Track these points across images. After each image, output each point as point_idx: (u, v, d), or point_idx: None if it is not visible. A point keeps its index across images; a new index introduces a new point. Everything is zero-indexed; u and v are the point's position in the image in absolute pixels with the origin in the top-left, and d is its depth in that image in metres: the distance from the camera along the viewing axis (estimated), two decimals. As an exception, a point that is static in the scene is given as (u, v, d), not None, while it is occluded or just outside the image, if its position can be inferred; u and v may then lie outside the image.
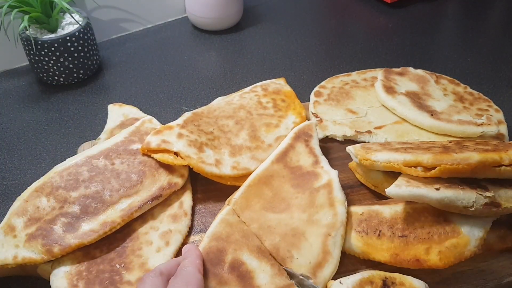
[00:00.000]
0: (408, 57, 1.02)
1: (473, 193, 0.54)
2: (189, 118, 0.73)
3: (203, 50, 1.06)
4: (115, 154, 0.67)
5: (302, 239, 0.58)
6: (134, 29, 1.10)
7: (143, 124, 0.73)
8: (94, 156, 0.67)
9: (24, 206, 0.61)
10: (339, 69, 0.98)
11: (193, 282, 0.47)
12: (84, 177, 0.64)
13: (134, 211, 0.61)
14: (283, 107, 0.78)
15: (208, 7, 1.05)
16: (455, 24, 1.16)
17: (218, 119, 0.74)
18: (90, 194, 0.62)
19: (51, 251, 0.56)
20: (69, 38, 0.86)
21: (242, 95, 0.80)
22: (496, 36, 1.09)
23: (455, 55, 1.02)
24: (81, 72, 0.92)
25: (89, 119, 0.86)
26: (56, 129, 0.84)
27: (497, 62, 1.00)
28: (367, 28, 1.13)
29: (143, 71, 0.98)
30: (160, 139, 0.67)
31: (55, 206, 0.61)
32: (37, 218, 0.59)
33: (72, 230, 0.58)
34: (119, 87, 0.93)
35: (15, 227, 0.59)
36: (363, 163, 0.64)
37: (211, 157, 0.67)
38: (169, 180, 0.65)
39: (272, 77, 0.88)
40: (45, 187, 0.63)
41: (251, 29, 1.11)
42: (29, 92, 0.92)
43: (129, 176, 0.64)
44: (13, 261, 0.55)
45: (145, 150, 0.67)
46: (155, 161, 0.66)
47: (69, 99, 0.90)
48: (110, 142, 0.69)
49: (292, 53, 1.03)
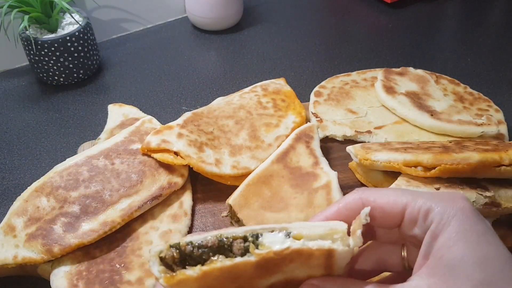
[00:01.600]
0: (408, 57, 1.02)
1: (473, 193, 0.54)
2: (189, 118, 0.73)
3: (203, 50, 1.06)
4: (115, 154, 0.67)
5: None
6: (134, 29, 1.10)
7: (143, 124, 0.73)
8: (94, 156, 0.67)
9: (24, 206, 0.61)
10: (339, 69, 0.98)
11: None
12: (84, 177, 0.64)
13: (134, 211, 0.61)
14: (283, 107, 0.78)
15: (208, 7, 1.05)
16: (455, 24, 1.16)
17: (218, 119, 0.74)
18: (90, 194, 0.62)
19: (51, 251, 0.56)
20: (69, 38, 0.86)
21: (242, 95, 0.80)
22: (496, 36, 1.09)
23: (455, 55, 1.02)
24: (81, 72, 0.92)
25: (89, 119, 0.86)
26: (56, 129, 0.84)
27: (497, 62, 1.00)
28: (367, 28, 1.13)
29: (143, 71, 0.98)
30: (160, 139, 0.67)
31: (55, 206, 0.61)
32: (37, 218, 0.59)
33: (72, 230, 0.58)
34: (119, 87, 0.93)
35: (15, 227, 0.59)
36: (363, 163, 0.64)
37: (211, 156, 0.67)
38: (169, 180, 0.65)
39: (272, 77, 0.88)
40: (45, 187, 0.63)
41: (251, 29, 1.11)
42: (29, 92, 0.92)
43: (129, 176, 0.64)
44: (13, 261, 0.55)
45: (145, 150, 0.67)
46: (155, 161, 0.67)
47: (69, 99, 0.90)
48: (110, 142, 0.69)
49: (292, 53, 1.03)
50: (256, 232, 0.32)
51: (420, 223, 0.32)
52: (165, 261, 0.31)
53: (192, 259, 0.31)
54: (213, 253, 0.31)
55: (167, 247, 0.31)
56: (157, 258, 0.31)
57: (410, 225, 0.33)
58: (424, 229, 0.32)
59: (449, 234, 0.30)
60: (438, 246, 0.30)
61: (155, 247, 0.31)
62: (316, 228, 0.32)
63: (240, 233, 0.32)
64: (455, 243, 0.30)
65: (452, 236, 0.30)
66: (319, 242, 0.31)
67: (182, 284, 0.31)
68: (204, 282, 0.31)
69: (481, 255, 0.29)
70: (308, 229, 0.32)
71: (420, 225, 0.32)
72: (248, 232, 0.32)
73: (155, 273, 0.31)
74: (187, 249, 0.31)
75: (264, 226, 0.32)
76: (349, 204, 0.35)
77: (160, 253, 0.31)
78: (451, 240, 0.30)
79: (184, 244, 0.31)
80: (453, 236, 0.30)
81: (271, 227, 0.32)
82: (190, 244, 0.31)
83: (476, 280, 0.28)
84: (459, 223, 0.30)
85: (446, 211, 0.31)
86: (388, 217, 0.33)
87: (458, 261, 0.29)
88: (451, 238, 0.30)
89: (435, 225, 0.31)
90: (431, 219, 0.31)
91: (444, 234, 0.30)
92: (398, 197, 0.33)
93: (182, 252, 0.31)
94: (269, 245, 0.31)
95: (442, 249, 0.30)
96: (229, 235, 0.32)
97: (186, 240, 0.32)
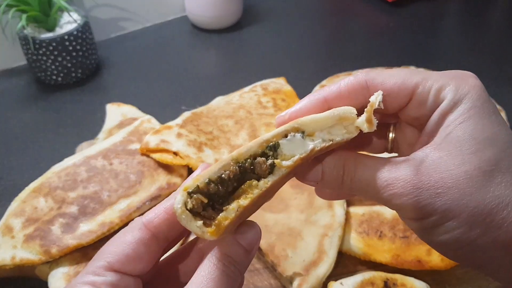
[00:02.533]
0: (409, 56, 1.01)
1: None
2: (189, 118, 0.72)
3: (203, 49, 1.05)
4: (114, 154, 0.67)
5: (298, 239, 0.58)
6: (133, 28, 1.10)
7: (142, 124, 0.73)
8: (92, 156, 0.66)
9: (22, 206, 0.60)
10: (339, 68, 0.97)
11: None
12: (82, 178, 0.63)
13: (133, 211, 0.61)
14: (283, 107, 0.78)
15: (208, 6, 1.04)
16: (456, 23, 1.15)
17: (218, 118, 0.74)
18: (88, 194, 0.62)
19: (49, 252, 0.55)
20: (67, 37, 0.86)
21: (242, 95, 0.79)
22: (498, 35, 1.08)
23: (457, 54, 1.02)
24: (80, 71, 0.92)
25: (88, 119, 0.85)
26: (54, 129, 0.83)
27: (499, 61, 0.99)
28: (368, 27, 1.13)
29: (142, 70, 0.98)
30: (159, 139, 0.66)
31: (53, 207, 0.60)
32: (35, 218, 0.59)
33: (70, 231, 0.58)
34: (117, 87, 0.93)
35: (13, 228, 0.58)
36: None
37: (211, 156, 0.67)
38: (168, 180, 0.65)
39: (272, 76, 0.87)
40: (43, 187, 0.62)
41: (251, 28, 1.11)
42: (27, 92, 0.91)
43: (127, 176, 0.64)
44: (11, 262, 0.55)
45: (144, 150, 0.66)
46: (154, 161, 0.66)
47: (67, 98, 0.90)
48: (109, 142, 0.69)
49: (292, 52, 1.03)
50: (271, 141, 0.29)
51: (429, 102, 0.31)
52: (195, 211, 0.28)
53: (217, 197, 0.28)
54: (238, 181, 0.29)
55: (186, 195, 0.27)
56: (188, 213, 0.27)
57: (417, 106, 0.32)
58: (433, 108, 0.31)
59: (461, 111, 0.30)
60: (448, 123, 0.30)
61: (177, 202, 0.27)
62: (324, 120, 0.30)
63: (255, 149, 0.29)
64: (465, 120, 0.29)
65: (464, 113, 0.30)
66: (345, 135, 0.30)
67: (227, 230, 0.28)
68: (242, 213, 0.29)
69: (491, 133, 0.29)
70: (316, 122, 0.30)
71: (429, 104, 0.31)
72: (263, 146, 0.29)
73: (196, 231, 0.27)
74: (211, 188, 0.28)
75: (275, 132, 0.30)
76: (352, 86, 0.32)
77: (186, 205, 0.27)
78: (462, 117, 0.30)
79: (204, 184, 0.28)
80: (465, 113, 0.30)
81: (283, 131, 0.30)
82: (211, 183, 0.28)
83: (485, 156, 0.28)
84: (471, 101, 0.30)
85: (459, 88, 0.30)
86: (395, 99, 0.32)
87: (467, 137, 0.29)
88: (463, 115, 0.30)
89: (446, 102, 0.30)
90: (443, 97, 0.30)
91: (455, 112, 0.30)
92: (407, 78, 0.31)
93: (206, 194, 0.28)
94: (292, 153, 0.29)
95: (452, 126, 0.30)
96: (246, 156, 0.29)
97: (203, 181, 0.28)
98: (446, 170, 0.29)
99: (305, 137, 0.30)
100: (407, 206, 0.29)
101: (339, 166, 0.32)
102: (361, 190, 0.32)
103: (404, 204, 0.29)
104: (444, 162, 0.29)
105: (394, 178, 0.30)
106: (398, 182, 0.29)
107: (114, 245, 0.31)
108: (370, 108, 0.30)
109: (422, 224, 0.30)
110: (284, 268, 0.55)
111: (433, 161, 0.29)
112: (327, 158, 0.32)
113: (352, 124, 0.31)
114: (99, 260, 0.30)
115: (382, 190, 0.30)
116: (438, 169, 0.29)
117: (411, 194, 0.29)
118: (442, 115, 0.30)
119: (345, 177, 0.32)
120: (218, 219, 0.27)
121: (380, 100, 0.30)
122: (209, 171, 0.28)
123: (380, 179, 0.30)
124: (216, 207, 0.28)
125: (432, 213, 0.29)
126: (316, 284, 0.54)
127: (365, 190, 0.31)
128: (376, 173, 0.30)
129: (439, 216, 0.29)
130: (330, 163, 0.32)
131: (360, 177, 0.31)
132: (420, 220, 0.30)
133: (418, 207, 0.29)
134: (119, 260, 0.30)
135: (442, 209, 0.29)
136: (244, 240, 0.31)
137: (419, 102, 0.31)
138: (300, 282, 0.54)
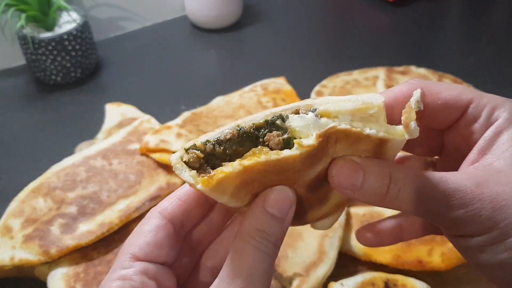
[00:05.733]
0: (410, 56, 1.01)
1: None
2: (188, 118, 0.72)
3: (203, 49, 1.05)
4: (113, 154, 0.66)
5: (299, 239, 0.58)
6: (133, 28, 1.10)
7: (141, 124, 0.73)
8: (91, 156, 0.66)
9: (21, 207, 0.60)
10: (340, 67, 0.97)
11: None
12: (82, 178, 0.63)
13: (132, 211, 0.60)
14: (283, 107, 0.78)
15: (208, 5, 1.04)
16: (457, 22, 1.15)
17: (218, 119, 0.74)
18: (87, 194, 0.61)
19: (48, 252, 0.55)
20: (66, 36, 0.86)
21: (242, 95, 0.79)
22: (499, 35, 1.08)
23: (458, 54, 1.01)
24: (79, 71, 0.91)
25: (87, 119, 0.85)
26: (53, 129, 0.83)
27: (500, 61, 0.99)
28: (368, 26, 1.12)
29: (142, 70, 0.97)
30: (158, 139, 0.66)
31: (52, 207, 0.60)
32: (34, 219, 0.59)
33: (69, 231, 0.57)
34: (117, 86, 0.93)
35: (12, 228, 0.58)
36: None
37: (211, 157, 0.66)
38: (167, 180, 0.65)
39: (272, 76, 0.87)
40: (42, 187, 0.62)
41: (251, 27, 1.10)
42: (26, 92, 0.91)
43: (127, 176, 0.64)
44: (10, 263, 0.55)
45: (144, 150, 0.66)
46: (153, 161, 0.66)
47: (66, 98, 0.89)
48: (108, 142, 0.69)
49: (292, 52, 1.03)
50: (278, 113, 0.28)
51: (482, 119, 0.31)
52: (191, 166, 0.27)
53: (216, 158, 0.28)
54: (239, 146, 0.28)
55: (183, 151, 0.27)
56: (183, 164, 0.27)
57: (469, 121, 0.31)
58: (484, 126, 0.31)
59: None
60: (502, 141, 0.30)
61: (174, 156, 0.27)
62: (344, 103, 0.27)
63: (260, 118, 0.28)
64: None
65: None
66: (380, 133, 0.27)
67: (222, 184, 0.27)
68: (246, 177, 0.27)
69: None
70: (333, 102, 0.27)
71: (481, 121, 0.31)
72: (268, 117, 0.28)
73: (188, 180, 0.27)
74: (208, 147, 0.27)
75: (284, 107, 0.28)
76: (408, 92, 0.30)
77: (182, 159, 0.27)
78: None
79: (201, 144, 0.27)
80: None
81: (293, 107, 0.28)
82: (208, 143, 0.27)
83: None
84: None
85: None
86: (448, 111, 0.31)
87: None
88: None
89: (502, 121, 0.30)
90: (497, 116, 0.30)
91: (509, 131, 0.30)
92: (463, 92, 0.31)
93: (204, 151, 0.27)
94: (304, 131, 0.27)
95: (507, 143, 0.29)
96: (249, 123, 0.28)
97: (201, 140, 0.28)
98: (508, 183, 0.27)
99: (320, 117, 0.27)
100: (464, 219, 0.27)
101: (385, 173, 0.28)
102: (408, 204, 0.29)
103: (461, 217, 0.27)
104: (505, 176, 0.28)
105: (451, 189, 0.28)
106: (456, 193, 0.28)
107: (134, 237, 0.32)
108: (408, 109, 0.27)
109: (477, 242, 0.28)
110: (284, 268, 0.55)
111: (492, 175, 0.28)
112: (368, 163, 0.29)
113: (381, 115, 0.27)
114: (123, 254, 0.31)
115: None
116: (499, 182, 0.28)
117: (471, 206, 0.27)
118: (496, 133, 0.30)
119: (391, 186, 0.28)
120: (214, 171, 0.27)
121: (418, 101, 0.27)
122: (209, 134, 0.28)
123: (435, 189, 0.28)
124: (216, 164, 0.28)
125: (493, 227, 0.27)
126: (316, 284, 0.54)
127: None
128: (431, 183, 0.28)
129: (501, 231, 0.27)
130: (374, 168, 0.28)
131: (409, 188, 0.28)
132: (476, 237, 0.28)
133: (478, 221, 0.27)
134: (142, 249, 0.31)
135: (505, 223, 0.27)
136: (271, 205, 0.28)
137: (472, 117, 0.31)
138: (300, 282, 0.54)
